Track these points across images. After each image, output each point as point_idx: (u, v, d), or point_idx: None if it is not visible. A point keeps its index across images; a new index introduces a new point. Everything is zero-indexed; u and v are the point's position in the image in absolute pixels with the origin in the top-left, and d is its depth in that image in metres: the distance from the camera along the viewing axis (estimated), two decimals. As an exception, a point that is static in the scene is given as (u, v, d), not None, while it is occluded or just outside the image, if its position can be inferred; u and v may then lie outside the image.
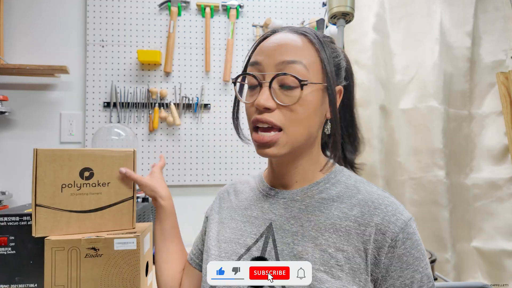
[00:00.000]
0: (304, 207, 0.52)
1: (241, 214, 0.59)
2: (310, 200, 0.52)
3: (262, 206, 0.56)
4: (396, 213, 0.47)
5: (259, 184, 0.61)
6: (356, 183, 0.53)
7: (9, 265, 0.93)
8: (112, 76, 1.51)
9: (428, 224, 1.45)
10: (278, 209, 0.54)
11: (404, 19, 1.57)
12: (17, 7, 1.48)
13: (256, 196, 0.59)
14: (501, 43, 1.57)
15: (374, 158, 1.49)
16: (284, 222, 0.52)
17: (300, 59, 0.48)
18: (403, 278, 0.46)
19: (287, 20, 1.64)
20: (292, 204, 0.53)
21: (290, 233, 0.51)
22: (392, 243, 0.45)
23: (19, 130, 1.46)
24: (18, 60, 1.45)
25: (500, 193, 1.49)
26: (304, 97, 0.48)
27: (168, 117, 1.51)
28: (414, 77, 1.54)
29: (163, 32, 1.56)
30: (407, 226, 0.47)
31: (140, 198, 1.22)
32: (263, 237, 0.53)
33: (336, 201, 0.51)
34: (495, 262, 1.47)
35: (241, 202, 0.61)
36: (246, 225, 0.56)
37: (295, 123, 0.48)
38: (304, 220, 0.51)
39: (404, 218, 0.47)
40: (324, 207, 0.51)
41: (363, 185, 0.53)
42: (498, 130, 1.53)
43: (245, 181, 0.66)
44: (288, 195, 0.55)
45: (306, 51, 0.50)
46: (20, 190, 1.43)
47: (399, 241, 0.45)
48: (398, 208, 0.48)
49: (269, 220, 0.54)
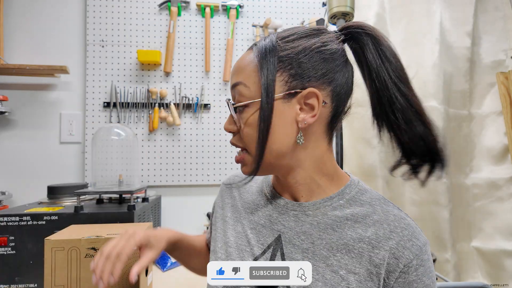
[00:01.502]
0: (316, 224, 0.49)
1: (247, 218, 0.56)
2: (323, 217, 0.49)
3: (270, 215, 0.54)
4: (412, 238, 0.46)
5: (267, 188, 0.58)
6: (372, 201, 0.50)
7: (9, 265, 0.93)
8: (112, 76, 1.51)
9: (428, 224, 1.45)
10: (288, 221, 0.51)
11: (404, 19, 1.57)
12: (17, 8, 1.48)
13: (264, 201, 0.56)
14: (501, 43, 1.57)
15: (374, 158, 1.49)
16: (294, 236, 0.50)
17: (242, 79, 0.49)
18: None
19: (287, 20, 1.64)
20: (303, 218, 0.50)
21: (300, 250, 0.49)
22: (404, 269, 0.44)
23: (19, 130, 1.46)
24: (18, 60, 1.45)
25: (500, 193, 1.49)
26: (247, 117, 0.48)
27: (168, 117, 1.51)
28: (414, 77, 1.54)
29: (163, 32, 1.56)
30: (422, 252, 0.45)
31: (140, 198, 1.22)
32: (270, 248, 0.51)
33: (350, 220, 0.48)
34: (495, 262, 1.47)
35: (246, 204, 0.58)
36: (253, 232, 0.54)
37: (251, 143, 0.48)
38: (315, 237, 0.48)
39: (419, 244, 0.45)
40: (337, 226, 0.48)
41: (379, 203, 0.50)
42: (498, 130, 1.53)
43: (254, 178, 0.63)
44: (299, 207, 0.51)
45: (248, 67, 0.48)
46: (20, 190, 1.43)
47: (412, 268, 0.44)
48: (414, 232, 0.47)
49: (277, 232, 0.51)
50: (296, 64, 0.46)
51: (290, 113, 0.47)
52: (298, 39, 0.47)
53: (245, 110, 0.48)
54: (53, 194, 1.18)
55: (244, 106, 0.48)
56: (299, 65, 0.46)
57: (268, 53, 0.46)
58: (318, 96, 0.46)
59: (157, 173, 1.53)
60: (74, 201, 1.16)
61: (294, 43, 0.47)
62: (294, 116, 0.47)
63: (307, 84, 0.46)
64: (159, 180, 1.53)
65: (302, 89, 0.46)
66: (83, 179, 1.48)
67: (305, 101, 0.46)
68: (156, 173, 1.53)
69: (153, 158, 1.53)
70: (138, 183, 1.42)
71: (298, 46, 0.47)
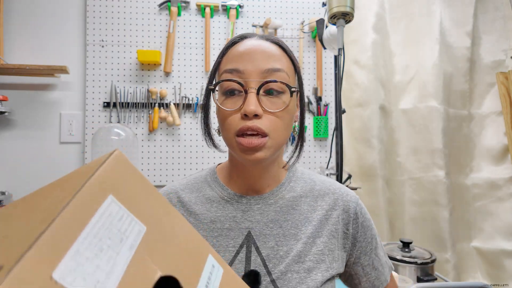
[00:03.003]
0: (279, 209, 0.55)
1: (208, 228, 0.54)
2: (283, 201, 0.56)
3: (235, 216, 0.54)
4: (348, 192, 0.59)
5: (221, 191, 0.57)
6: (310, 175, 0.61)
7: (9, 265, 0.92)
8: (112, 76, 1.51)
9: (428, 224, 1.45)
10: (254, 216, 0.54)
11: (404, 19, 1.57)
12: (17, 7, 1.48)
13: (222, 205, 0.55)
14: (501, 43, 1.57)
15: (373, 158, 1.49)
16: (263, 228, 0.53)
17: (283, 67, 0.50)
18: (366, 238, 0.58)
19: (287, 20, 1.64)
20: (267, 208, 0.55)
21: (272, 237, 0.53)
22: (354, 216, 0.57)
23: (19, 130, 1.46)
24: (18, 60, 1.45)
25: (500, 193, 1.49)
26: (283, 104, 0.50)
27: (168, 117, 1.51)
28: (414, 77, 1.55)
29: (163, 32, 1.56)
30: (357, 199, 0.59)
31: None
32: (243, 247, 0.52)
33: (303, 196, 0.57)
34: (495, 262, 1.47)
35: (200, 215, 0.55)
36: (219, 239, 0.53)
37: (279, 129, 0.50)
38: (282, 221, 0.54)
39: (353, 194, 0.60)
40: (295, 204, 0.56)
41: (314, 176, 0.61)
42: (498, 130, 1.53)
43: (190, 188, 0.59)
44: (261, 200, 0.55)
45: (284, 59, 0.52)
46: (20, 190, 1.43)
47: (358, 213, 0.57)
48: (345, 188, 0.60)
49: (246, 229, 0.53)
50: (298, 69, 0.56)
51: (294, 108, 0.54)
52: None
53: (280, 96, 0.50)
54: (53, 194, 1.18)
55: (281, 92, 0.50)
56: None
57: (292, 54, 0.55)
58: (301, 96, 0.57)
59: (157, 173, 1.53)
60: (74, 201, 1.15)
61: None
62: (294, 111, 0.54)
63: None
64: (159, 180, 1.53)
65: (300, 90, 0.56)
66: (83, 179, 1.48)
67: (298, 101, 0.56)
68: (156, 173, 1.53)
69: (153, 158, 1.53)
70: (138, 183, 1.42)
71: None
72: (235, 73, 0.49)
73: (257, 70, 0.49)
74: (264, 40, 0.52)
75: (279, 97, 0.50)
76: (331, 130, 1.62)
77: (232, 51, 0.52)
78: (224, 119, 0.50)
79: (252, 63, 0.49)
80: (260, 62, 0.49)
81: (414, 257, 1.10)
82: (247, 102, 0.48)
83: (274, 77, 0.49)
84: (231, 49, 0.52)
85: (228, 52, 0.53)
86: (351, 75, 1.56)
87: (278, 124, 0.49)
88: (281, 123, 0.50)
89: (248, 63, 0.49)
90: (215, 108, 0.54)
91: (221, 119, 0.51)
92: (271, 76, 0.49)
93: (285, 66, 0.51)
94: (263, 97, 0.49)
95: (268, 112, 0.49)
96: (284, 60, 0.52)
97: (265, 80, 0.48)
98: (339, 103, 1.19)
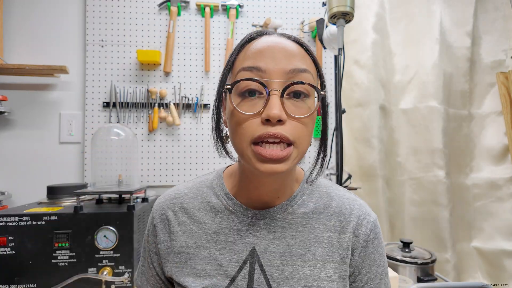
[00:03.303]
0: (287, 225, 0.50)
1: (212, 239, 0.51)
2: (292, 217, 0.51)
3: (239, 229, 0.50)
4: (366, 216, 0.52)
5: (226, 201, 0.52)
6: (326, 188, 0.55)
7: (8, 265, 0.92)
8: (111, 76, 1.51)
9: (428, 224, 1.45)
10: (260, 231, 0.49)
11: (404, 19, 1.57)
12: (17, 7, 1.48)
13: (226, 216, 0.51)
14: (501, 43, 1.57)
15: (373, 158, 1.49)
16: (268, 244, 0.49)
17: (308, 68, 0.45)
18: (370, 273, 0.51)
19: (287, 20, 1.64)
20: (274, 223, 0.50)
21: (277, 255, 0.48)
22: (364, 244, 0.50)
23: (19, 130, 1.46)
24: (18, 60, 1.45)
25: (500, 193, 1.49)
26: (308, 108, 0.45)
27: (168, 117, 1.51)
28: (414, 77, 1.55)
29: (162, 32, 1.56)
30: (375, 226, 0.52)
31: (139, 199, 1.22)
32: (247, 263, 0.48)
33: (315, 213, 0.51)
34: (495, 262, 1.47)
35: (204, 224, 0.52)
36: (223, 252, 0.49)
37: (304, 137, 0.44)
38: (289, 238, 0.49)
39: (372, 220, 0.52)
40: (305, 221, 0.51)
41: (332, 189, 0.55)
42: (498, 130, 1.53)
43: (194, 193, 0.55)
44: (268, 214, 0.50)
45: (307, 60, 0.46)
46: (19, 190, 1.43)
47: (370, 241, 0.51)
48: (366, 211, 0.53)
49: (251, 244, 0.49)
50: (321, 71, 0.50)
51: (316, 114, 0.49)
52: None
53: (305, 100, 0.44)
54: (53, 194, 1.18)
55: (307, 95, 0.44)
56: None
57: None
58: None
59: (157, 173, 1.53)
60: (73, 201, 1.15)
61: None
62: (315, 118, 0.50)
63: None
64: (158, 180, 1.53)
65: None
66: (83, 179, 1.48)
67: (320, 106, 0.49)
68: (156, 173, 1.53)
69: (153, 158, 1.53)
70: (137, 183, 1.42)
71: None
72: (255, 71, 0.43)
73: (280, 70, 0.43)
74: (285, 38, 0.46)
75: (304, 101, 0.44)
76: (331, 130, 1.62)
77: (250, 48, 0.46)
78: (238, 124, 0.44)
79: (274, 61, 0.43)
80: (283, 61, 0.43)
81: (414, 257, 1.10)
82: (269, 105, 0.41)
83: (299, 78, 0.43)
84: (248, 46, 0.46)
85: (244, 48, 0.46)
86: (351, 75, 1.56)
87: (304, 131, 0.43)
88: (306, 131, 0.44)
89: (270, 61, 0.43)
90: (226, 111, 0.48)
91: (235, 124, 0.44)
92: (296, 77, 0.43)
93: (309, 67, 0.45)
94: (286, 101, 0.43)
95: (292, 117, 0.43)
96: (308, 60, 0.46)
97: (292, 81, 0.42)
98: (339, 103, 1.19)
